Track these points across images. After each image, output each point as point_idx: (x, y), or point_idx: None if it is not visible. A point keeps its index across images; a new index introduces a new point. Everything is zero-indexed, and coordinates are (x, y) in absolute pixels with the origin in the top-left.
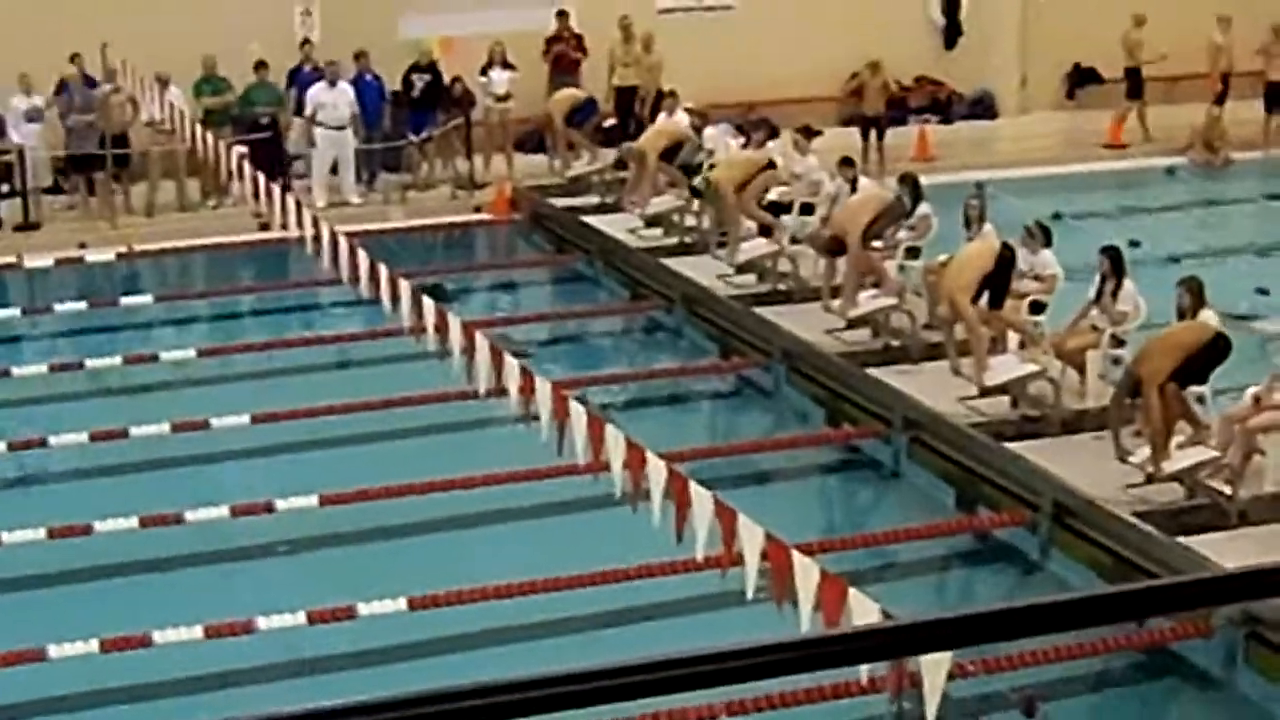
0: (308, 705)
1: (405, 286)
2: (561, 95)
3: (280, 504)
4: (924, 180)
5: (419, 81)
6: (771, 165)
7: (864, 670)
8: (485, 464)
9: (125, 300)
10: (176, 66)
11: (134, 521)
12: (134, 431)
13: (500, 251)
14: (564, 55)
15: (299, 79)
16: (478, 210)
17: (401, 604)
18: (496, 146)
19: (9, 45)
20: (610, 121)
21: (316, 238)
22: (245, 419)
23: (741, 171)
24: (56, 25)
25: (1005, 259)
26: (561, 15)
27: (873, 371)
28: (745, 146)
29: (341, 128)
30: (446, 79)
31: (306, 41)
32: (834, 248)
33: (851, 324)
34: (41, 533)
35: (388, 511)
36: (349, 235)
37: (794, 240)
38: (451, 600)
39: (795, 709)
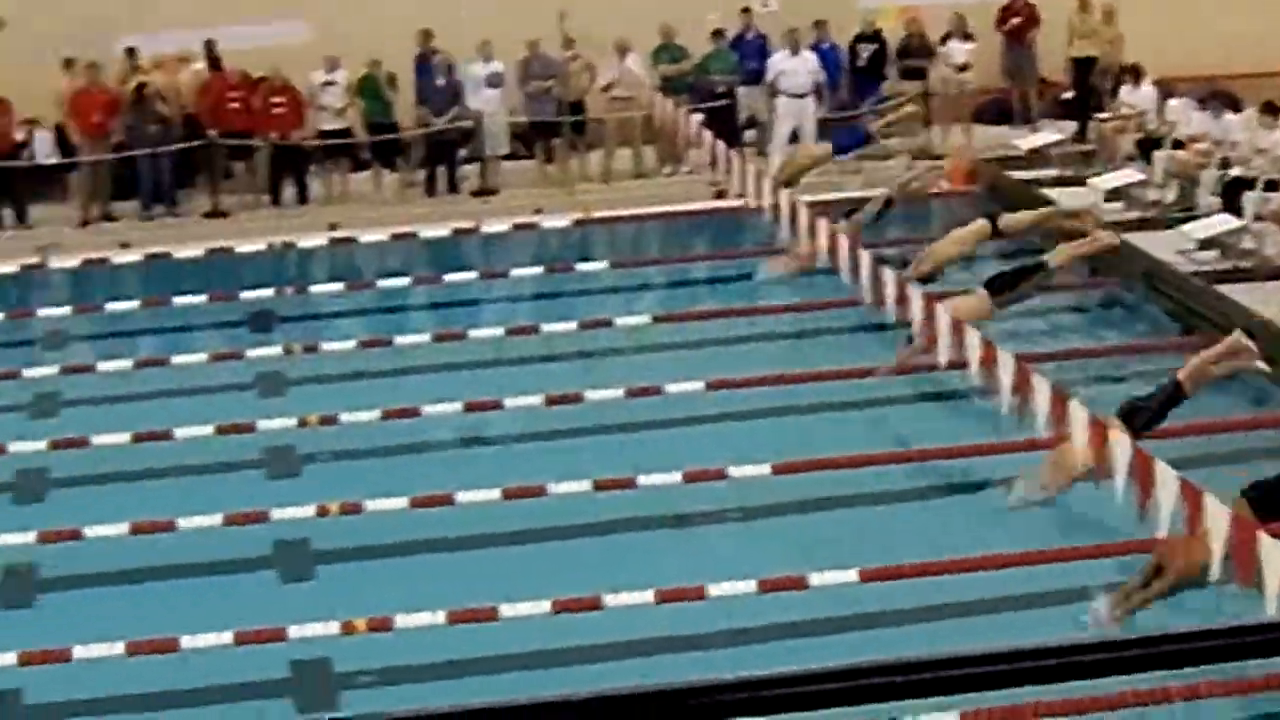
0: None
1: (865, 256)
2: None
3: (733, 471)
4: None
5: (865, 51)
6: None
7: None
8: (939, 438)
9: (580, 266)
10: (635, 34)
11: (587, 485)
12: (588, 396)
13: (957, 223)
14: (1018, 27)
15: (741, 46)
16: None
17: (853, 575)
18: (954, 117)
19: (470, 12)
20: (1068, 94)
21: (775, 206)
22: (700, 385)
23: None
24: None
25: None
26: None
27: None
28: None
29: (803, 95)
30: (893, 48)
31: (746, 9)
32: None
33: None
34: (496, 493)
35: (839, 483)
36: (809, 204)
37: (1258, 217)
38: (895, 575)
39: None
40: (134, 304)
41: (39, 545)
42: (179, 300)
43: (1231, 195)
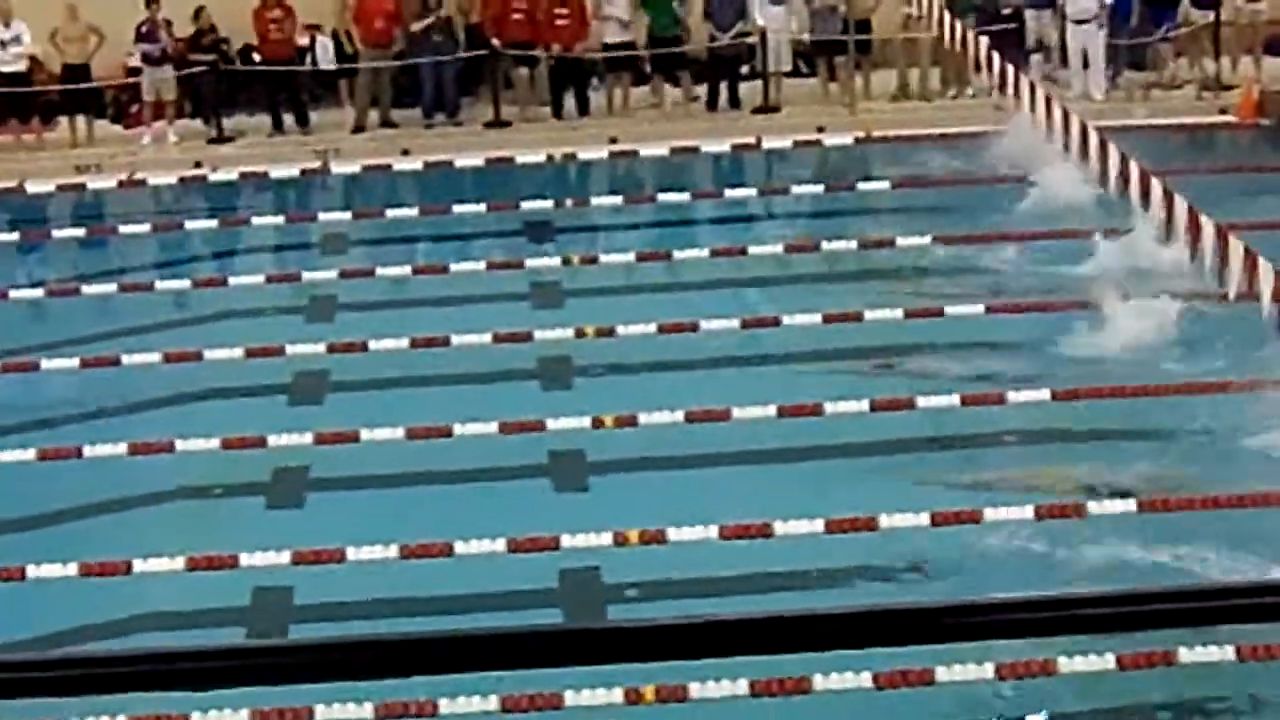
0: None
1: (1156, 185)
2: None
3: (1011, 395)
4: None
5: None
6: None
7: None
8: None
9: (861, 185)
10: None
11: (864, 404)
12: (868, 315)
13: (1243, 156)
14: None
15: None
16: (1223, 112)
17: (1131, 505)
18: (1245, 48)
19: None
20: None
21: (1065, 131)
22: (979, 309)
23: None
24: None
25: None
26: None
27: None
28: None
29: (1085, 21)
30: None
31: None
32: None
33: None
34: (772, 410)
35: (1116, 411)
36: (1098, 130)
37: None
38: (1184, 506)
39: None
40: (413, 211)
41: (315, 447)
42: (458, 208)
43: None
